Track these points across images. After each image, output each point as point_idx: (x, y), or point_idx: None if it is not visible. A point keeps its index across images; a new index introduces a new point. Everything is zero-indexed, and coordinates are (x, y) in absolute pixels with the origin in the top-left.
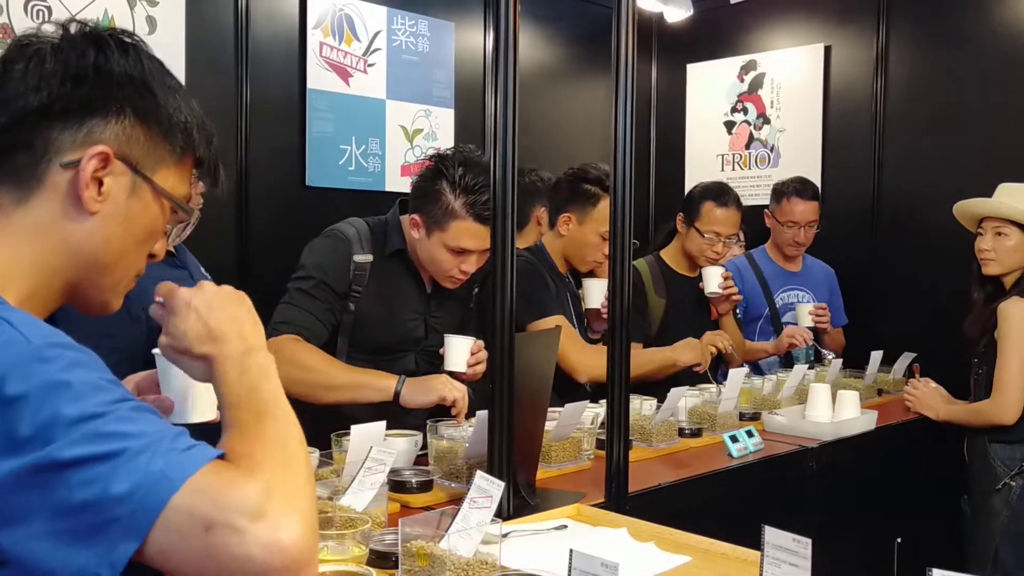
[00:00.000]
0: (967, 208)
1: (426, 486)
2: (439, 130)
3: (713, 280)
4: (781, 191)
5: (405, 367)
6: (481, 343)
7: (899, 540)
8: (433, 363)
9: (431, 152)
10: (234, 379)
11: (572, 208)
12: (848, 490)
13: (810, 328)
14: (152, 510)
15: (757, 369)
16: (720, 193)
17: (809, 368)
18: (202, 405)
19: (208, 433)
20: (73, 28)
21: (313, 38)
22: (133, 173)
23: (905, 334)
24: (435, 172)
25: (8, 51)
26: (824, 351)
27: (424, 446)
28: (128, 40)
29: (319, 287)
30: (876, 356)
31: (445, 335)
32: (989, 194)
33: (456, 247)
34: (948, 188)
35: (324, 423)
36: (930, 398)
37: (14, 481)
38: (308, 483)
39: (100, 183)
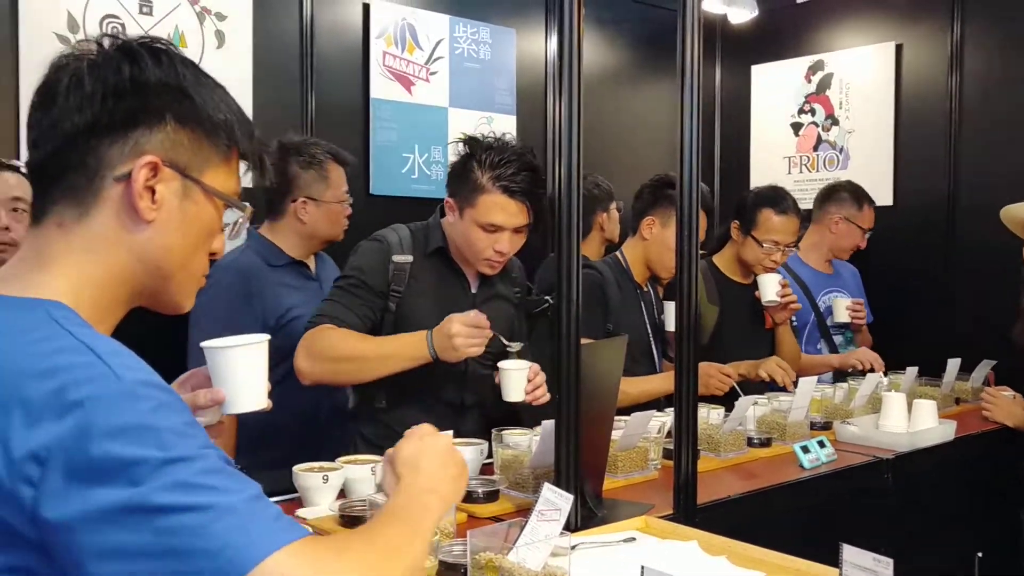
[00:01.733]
0: (1014, 213)
1: (492, 496)
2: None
3: (770, 288)
4: (858, 195)
5: (454, 367)
6: (537, 367)
7: (980, 554)
8: (482, 363)
9: (462, 136)
10: (401, 502)
11: (655, 212)
12: (926, 502)
13: (845, 323)
14: (238, 572)
15: None
16: (778, 199)
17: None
18: (253, 394)
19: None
20: (107, 43)
21: (376, 48)
22: (183, 177)
23: (983, 341)
24: (467, 155)
25: (48, 75)
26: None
27: (489, 455)
28: (160, 47)
29: (356, 286)
30: (953, 364)
31: (499, 363)
32: None
33: (486, 223)
34: None
35: (394, 427)
36: (1008, 406)
37: (99, 516)
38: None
39: (153, 191)
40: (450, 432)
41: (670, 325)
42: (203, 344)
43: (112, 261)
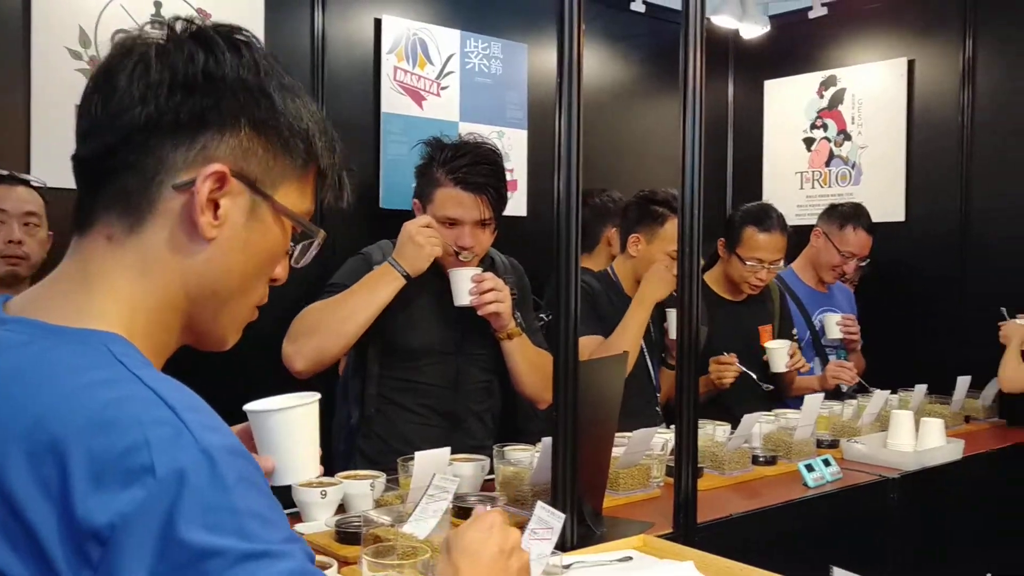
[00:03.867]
0: None
1: None
2: (512, 151)
3: (780, 361)
4: (845, 215)
5: (446, 373)
6: (490, 275)
7: (988, 575)
8: (478, 367)
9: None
10: None
11: (641, 229)
12: (933, 522)
13: (838, 340)
14: None
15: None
16: (763, 217)
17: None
18: (305, 464)
19: None
20: (179, 27)
21: (387, 63)
22: (252, 192)
23: (995, 359)
24: (429, 156)
25: (110, 58)
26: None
27: (491, 471)
28: (240, 38)
29: (335, 288)
30: (963, 382)
31: (449, 269)
32: None
33: (444, 217)
34: None
35: (394, 444)
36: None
37: None
38: None
39: (216, 206)
40: (517, 532)
41: (673, 333)
42: (248, 407)
43: (165, 283)
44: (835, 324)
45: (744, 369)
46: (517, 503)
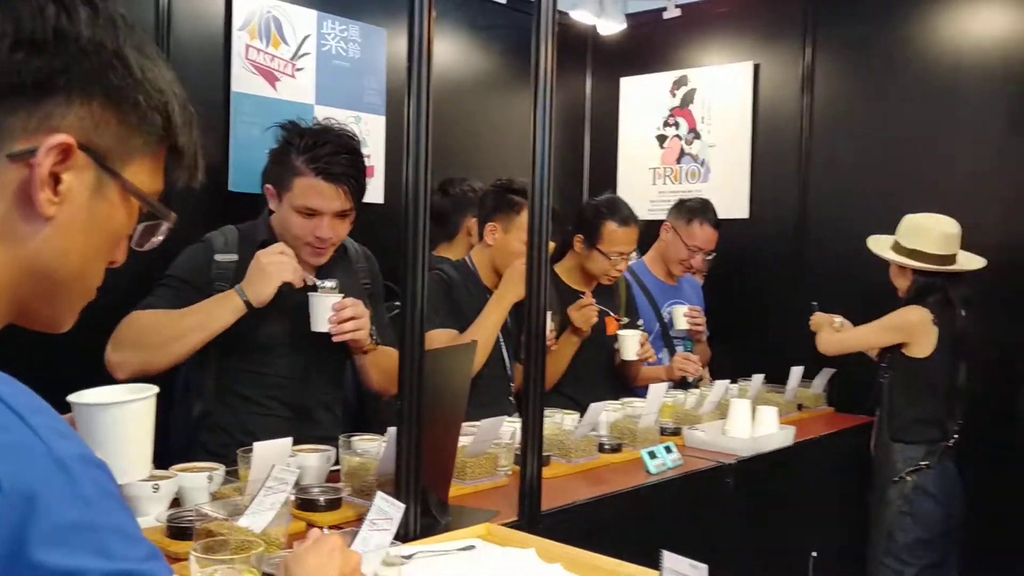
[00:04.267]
0: (871, 245)
1: (335, 504)
2: (369, 137)
3: (631, 348)
4: (692, 210)
5: (295, 365)
6: (348, 301)
7: (814, 554)
8: (328, 358)
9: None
10: None
11: (498, 217)
12: (765, 506)
13: (685, 331)
14: None
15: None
16: (618, 210)
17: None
18: (135, 464)
19: None
20: None
21: (239, 40)
22: (99, 168)
23: None
24: (285, 140)
25: None
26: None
27: (337, 461)
28: None
29: (173, 281)
30: (797, 371)
31: (308, 293)
32: (910, 211)
33: (302, 207)
34: (871, 206)
35: (238, 436)
36: (824, 328)
37: None
38: None
39: (57, 180)
40: (358, 555)
41: None
42: (74, 399)
43: None
44: (682, 316)
45: (602, 308)
46: (362, 494)
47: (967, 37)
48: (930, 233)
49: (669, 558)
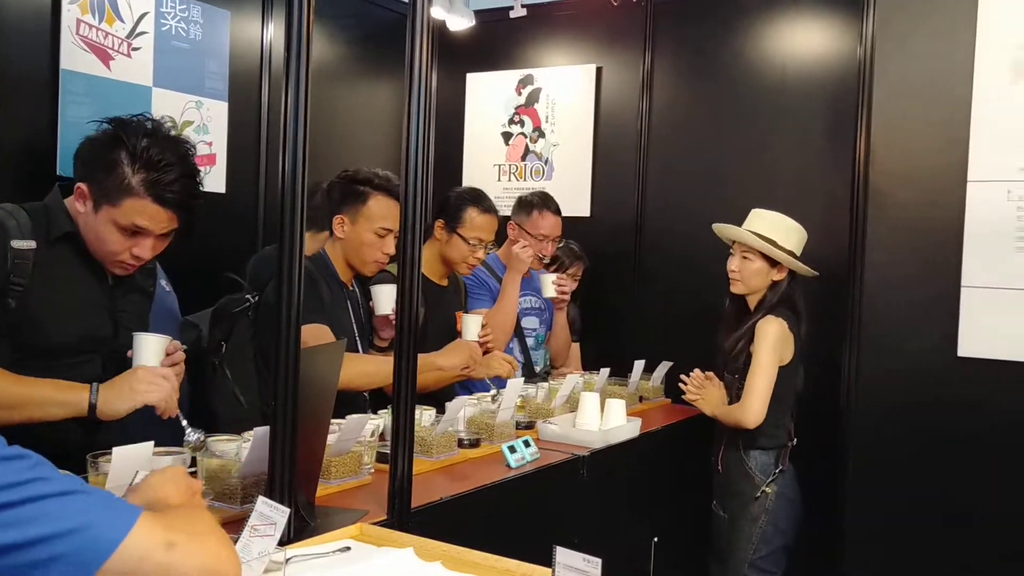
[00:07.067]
0: (721, 230)
1: None
2: (211, 123)
3: (549, 287)
4: (531, 203)
5: (91, 373)
6: (177, 343)
7: (656, 539)
8: (125, 368)
9: (110, 116)
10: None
11: (345, 209)
12: (615, 495)
13: (552, 298)
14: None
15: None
16: (480, 199)
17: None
18: None
19: None
20: None
21: (69, 14)
22: None
23: (665, 344)
24: (113, 139)
25: None
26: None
27: (192, 464)
28: None
29: None
30: (639, 365)
31: (134, 333)
32: (742, 214)
33: (128, 225)
34: (704, 207)
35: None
36: (714, 396)
37: None
38: None
39: None
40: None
41: (380, 308)
42: None
43: None
44: (551, 283)
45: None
46: (224, 497)
47: (792, 52)
48: (799, 234)
49: (562, 553)
